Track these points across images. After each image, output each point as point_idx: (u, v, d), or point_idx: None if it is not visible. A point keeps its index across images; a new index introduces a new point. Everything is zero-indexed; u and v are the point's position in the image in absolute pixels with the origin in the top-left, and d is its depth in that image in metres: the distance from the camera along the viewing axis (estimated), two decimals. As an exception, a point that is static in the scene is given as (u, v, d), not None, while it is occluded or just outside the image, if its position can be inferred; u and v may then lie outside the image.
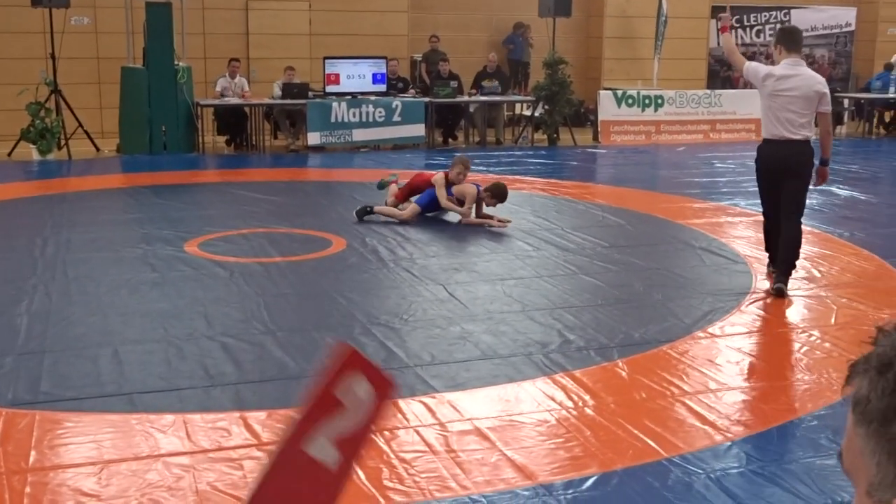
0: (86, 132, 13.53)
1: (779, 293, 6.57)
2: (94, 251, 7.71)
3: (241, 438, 4.25)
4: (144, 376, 5.00)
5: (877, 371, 0.82)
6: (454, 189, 9.18)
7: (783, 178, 6.60)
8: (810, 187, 6.78)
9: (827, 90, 6.65)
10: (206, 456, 4.07)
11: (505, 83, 16.16)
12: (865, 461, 0.81)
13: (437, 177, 9.23)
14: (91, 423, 4.42)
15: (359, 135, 14.36)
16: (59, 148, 13.22)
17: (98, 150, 13.72)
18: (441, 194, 9.13)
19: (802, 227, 6.72)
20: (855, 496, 0.85)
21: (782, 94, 6.52)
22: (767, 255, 7.00)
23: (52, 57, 13.22)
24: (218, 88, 14.37)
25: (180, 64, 13.69)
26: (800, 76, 6.59)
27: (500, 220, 8.95)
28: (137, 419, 4.44)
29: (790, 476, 3.94)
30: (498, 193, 9.08)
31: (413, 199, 9.31)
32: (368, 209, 9.11)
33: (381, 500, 3.71)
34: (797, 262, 6.77)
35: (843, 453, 0.86)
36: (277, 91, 14.40)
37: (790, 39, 6.74)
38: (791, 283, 6.95)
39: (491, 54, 16.53)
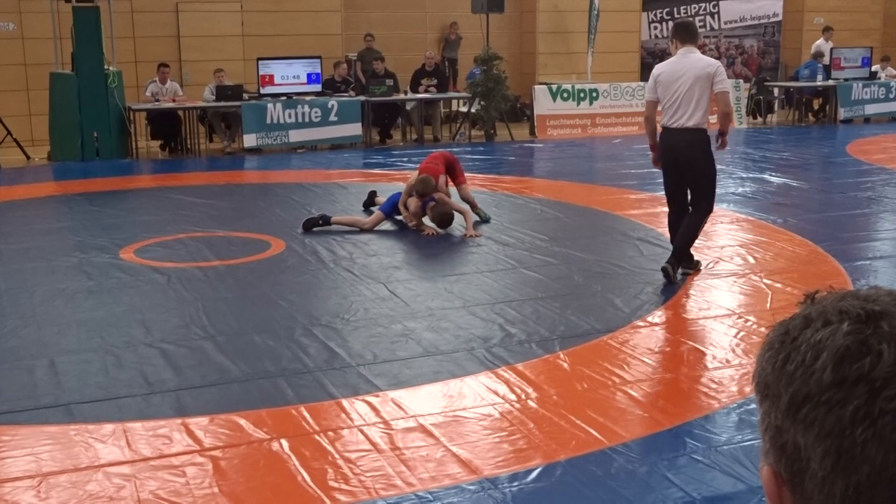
0: (15, 140, 13.26)
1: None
2: (27, 261, 7.56)
3: (183, 445, 4.20)
4: (82, 386, 4.91)
5: (766, 349, 0.87)
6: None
7: (681, 164, 6.70)
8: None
9: (719, 68, 6.65)
10: (147, 464, 4.01)
11: (443, 81, 16.17)
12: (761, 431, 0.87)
13: (408, 184, 8.76)
14: (28, 435, 4.33)
15: (295, 136, 14.26)
16: (-12, 157, 12.95)
17: (28, 158, 13.45)
18: (402, 200, 8.74)
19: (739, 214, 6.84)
20: None
21: (675, 83, 6.57)
22: (686, 258, 6.99)
23: (-22, 64, 12.95)
24: (148, 93, 14.17)
25: (110, 68, 13.46)
26: (687, 62, 6.61)
27: (473, 233, 8.39)
28: (76, 430, 4.37)
29: (730, 459, 4.00)
30: (421, 191, 8.55)
31: (377, 207, 9.06)
32: (321, 222, 8.63)
33: (327, 500, 3.70)
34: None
35: None
36: (209, 95, 14.24)
37: (683, 33, 6.74)
38: (727, 269, 7.07)
39: (428, 52, 16.52)
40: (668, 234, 7.34)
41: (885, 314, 0.81)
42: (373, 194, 9.71)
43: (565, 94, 16.17)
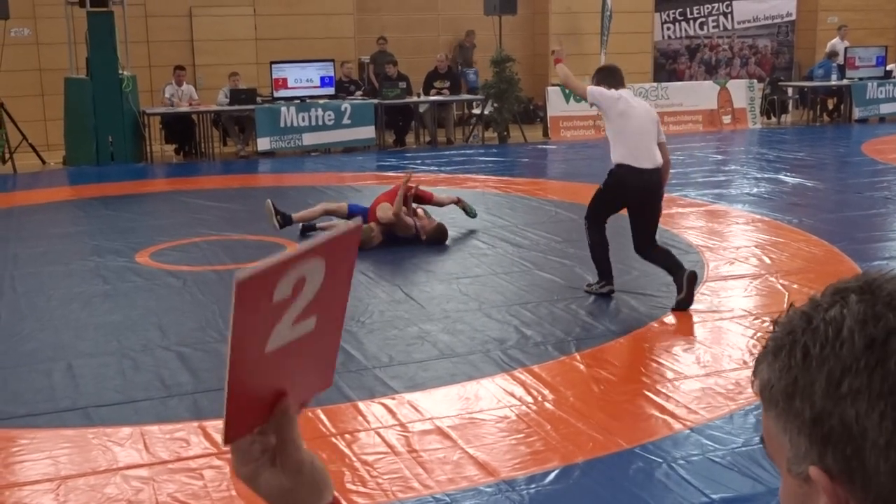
0: (31, 145, 13.32)
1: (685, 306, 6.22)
2: (44, 265, 7.59)
3: (201, 448, 4.21)
4: (99, 390, 4.93)
5: (772, 355, 0.86)
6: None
7: (645, 205, 6.30)
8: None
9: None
10: (165, 467, 4.03)
11: (456, 83, 16.17)
12: (780, 441, 0.86)
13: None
14: (47, 438, 4.35)
15: (309, 139, 14.28)
16: (4, 162, 13.01)
17: (44, 162, 13.51)
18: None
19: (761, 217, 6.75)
20: (781, 480, 0.89)
21: (635, 116, 6.29)
22: (608, 274, 6.55)
23: (-7, 70, 13.01)
24: (166, 95, 14.22)
25: (125, 73, 13.52)
26: (639, 102, 6.51)
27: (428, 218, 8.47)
28: (94, 433, 4.38)
29: (749, 461, 3.98)
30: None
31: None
32: (288, 221, 8.50)
33: (345, 503, 3.70)
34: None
35: (765, 441, 0.90)
36: (223, 98, 14.28)
37: (614, 78, 6.54)
38: (743, 270, 7.05)
39: (439, 55, 16.51)
40: (682, 235, 7.33)
41: (877, 280, 0.84)
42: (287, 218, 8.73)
43: (578, 96, 16.12)
